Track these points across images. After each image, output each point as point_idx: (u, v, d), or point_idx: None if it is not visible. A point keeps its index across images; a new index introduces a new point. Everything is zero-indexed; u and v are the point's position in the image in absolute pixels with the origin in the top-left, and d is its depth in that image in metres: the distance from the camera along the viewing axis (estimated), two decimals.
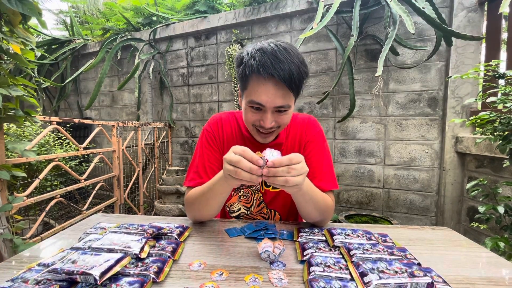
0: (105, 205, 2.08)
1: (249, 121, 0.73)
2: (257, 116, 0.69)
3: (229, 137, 0.85)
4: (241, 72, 0.68)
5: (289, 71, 0.62)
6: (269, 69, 0.61)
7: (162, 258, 0.56)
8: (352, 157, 2.16)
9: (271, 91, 0.64)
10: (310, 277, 0.50)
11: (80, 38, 3.39)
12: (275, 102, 0.65)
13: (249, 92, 0.68)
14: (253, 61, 0.64)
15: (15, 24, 1.11)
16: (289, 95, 0.66)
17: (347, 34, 2.09)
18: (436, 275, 0.51)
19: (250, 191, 0.88)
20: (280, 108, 0.67)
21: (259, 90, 0.65)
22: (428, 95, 1.92)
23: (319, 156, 0.82)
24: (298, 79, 0.64)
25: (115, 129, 2.12)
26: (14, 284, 0.46)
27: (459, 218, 1.85)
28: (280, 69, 0.61)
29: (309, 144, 0.84)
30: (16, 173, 1.25)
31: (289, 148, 0.86)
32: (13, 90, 1.12)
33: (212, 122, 0.87)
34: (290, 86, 0.64)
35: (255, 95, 0.66)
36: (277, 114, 0.69)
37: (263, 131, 0.72)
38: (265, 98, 0.65)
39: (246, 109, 0.71)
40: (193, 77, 2.77)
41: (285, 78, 0.62)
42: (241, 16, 2.41)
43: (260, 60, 0.63)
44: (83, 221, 0.84)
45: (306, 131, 0.85)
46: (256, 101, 0.66)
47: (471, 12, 1.73)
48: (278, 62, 0.62)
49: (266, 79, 0.63)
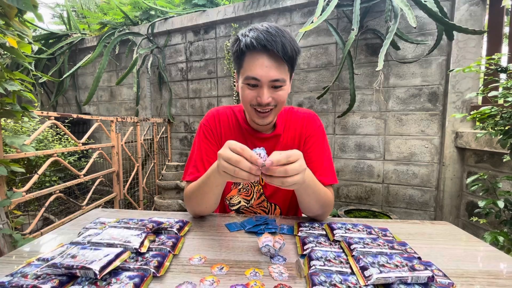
0: (105, 200, 2.08)
1: (246, 100, 0.74)
2: (254, 93, 0.71)
3: (227, 130, 0.86)
4: (236, 50, 0.71)
5: (281, 43, 0.65)
6: (262, 41, 0.65)
7: (162, 253, 0.56)
8: (352, 152, 2.16)
9: (265, 63, 0.67)
10: (311, 271, 0.50)
11: (77, 32, 3.35)
12: (270, 75, 0.67)
13: (245, 69, 0.70)
14: (247, 38, 0.67)
15: (11, 17, 1.09)
16: (283, 68, 0.69)
17: (347, 28, 2.07)
18: (436, 269, 0.51)
19: (250, 183, 0.88)
20: (275, 83, 0.69)
21: (254, 64, 0.67)
22: (429, 90, 1.91)
23: (319, 151, 0.84)
24: (290, 51, 0.67)
25: (114, 124, 2.10)
26: (13, 279, 0.46)
27: (458, 213, 1.85)
28: (272, 41, 0.64)
29: (310, 139, 0.85)
30: (15, 169, 1.24)
31: (288, 140, 0.86)
32: (10, 85, 1.11)
33: (209, 116, 0.88)
34: (284, 58, 0.66)
35: (251, 70, 0.68)
36: (273, 90, 0.71)
37: (261, 110, 0.73)
38: (260, 71, 0.67)
39: (243, 88, 0.73)
40: (192, 72, 2.75)
41: (278, 48, 0.65)
42: (240, 10, 2.38)
43: (253, 35, 0.66)
44: (82, 216, 0.84)
45: (306, 125, 0.86)
46: (252, 76, 0.68)
47: (473, 5, 1.72)
48: (271, 35, 0.65)
49: (260, 52, 0.66)
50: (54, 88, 3.42)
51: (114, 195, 2.17)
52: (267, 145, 0.85)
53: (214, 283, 0.48)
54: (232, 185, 0.90)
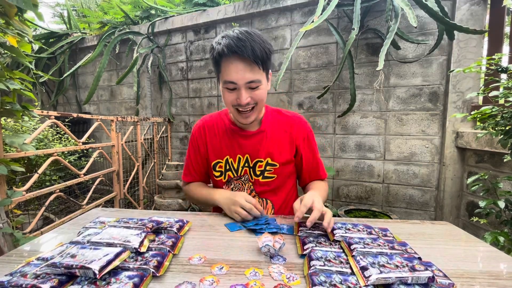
0: (105, 199, 2.08)
1: (227, 102, 0.80)
2: (234, 95, 0.77)
3: (212, 136, 0.94)
4: (212, 58, 0.78)
5: (251, 47, 0.70)
6: (233, 47, 0.70)
7: (161, 252, 0.56)
8: (352, 152, 2.16)
9: (239, 67, 0.72)
10: (311, 271, 0.50)
11: (77, 31, 3.35)
12: (245, 77, 0.73)
13: (222, 74, 0.76)
14: (219, 46, 0.73)
15: (11, 16, 1.09)
16: (257, 69, 0.74)
17: (348, 28, 2.07)
18: (436, 269, 0.51)
19: (240, 182, 0.93)
20: (251, 84, 0.75)
21: (229, 69, 0.73)
22: (429, 90, 1.91)
23: (314, 152, 0.96)
24: (260, 53, 0.72)
25: (114, 123, 2.10)
26: (13, 278, 0.46)
27: (458, 213, 1.85)
28: (242, 46, 0.70)
29: (304, 141, 0.93)
30: (15, 168, 1.24)
31: (276, 137, 0.92)
32: (10, 84, 1.11)
33: (195, 128, 0.98)
34: (255, 61, 0.72)
35: (227, 75, 0.74)
36: (251, 90, 0.76)
37: (242, 110, 0.79)
38: (235, 75, 0.73)
39: (224, 91, 0.79)
40: (192, 71, 2.74)
41: (248, 53, 0.70)
42: (241, 9, 2.37)
43: (224, 43, 0.72)
44: (82, 216, 0.84)
45: (298, 128, 0.93)
46: (229, 80, 0.74)
47: (474, 5, 1.71)
48: (240, 41, 0.70)
49: (233, 58, 0.72)
50: (54, 87, 3.41)
51: (114, 194, 2.17)
52: (253, 142, 0.91)
53: (213, 283, 0.48)
54: (224, 185, 0.95)
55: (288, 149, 0.91)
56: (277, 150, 0.90)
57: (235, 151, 0.91)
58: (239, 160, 0.91)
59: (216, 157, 0.93)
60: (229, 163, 0.92)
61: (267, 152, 0.89)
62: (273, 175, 0.91)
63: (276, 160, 0.89)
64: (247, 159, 0.90)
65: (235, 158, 0.91)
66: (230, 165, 0.92)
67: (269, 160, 0.89)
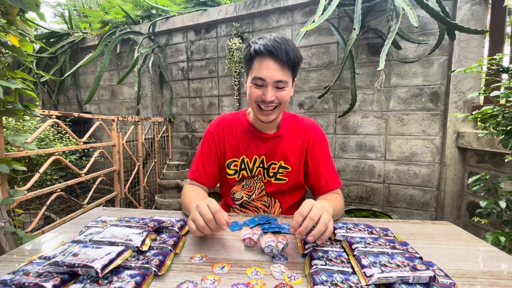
0: (106, 199, 2.08)
1: (252, 98, 0.82)
2: (260, 91, 0.80)
3: (230, 135, 0.95)
4: (246, 54, 0.82)
5: (285, 50, 0.76)
6: (268, 47, 0.75)
7: (163, 251, 0.56)
8: (352, 152, 2.16)
9: (271, 66, 0.77)
10: (312, 271, 0.50)
11: (78, 31, 3.35)
12: (274, 76, 0.77)
13: (253, 71, 0.80)
14: (256, 44, 0.78)
15: (13, 16, 1.09)
16: (286, 71, 0.79)
17: (349, 28, 2.07)
18: (438, 269, 0.51)
19: (252, 181, 0.95)
20: (279, 83, 0.78)
21: (261, 66, 0.78)
22: (430, 90, 1.91)
23: (326, 158, 0.94)
24: (293, 57, 0.77)
25: (115, 123, 2.11)
26: (15, 277, 0.46)
27: (458, 213, 1.85)
28: (278, 47, 0.75)
29: (316, 146, 0.93)
30: (16, 167, 1.24)
31: (291, 142, 0.93)
32: (12, 83, 1.11)
33: (214, 124, 0.98)
34: (287, 63, 0.76)
35: (258, 72, 0.78)
36: (277, 90, 0.80)
37: (265, 107, 0.81)
38: (266, 72, 0.77)
39: (251, 87, 0.82)
40: (193, 71, 2.74)
41: (282, 54, 0.75)
42: (242, 9, 2.37)
43: (262, 42, 0.77)
44: (84, 215, 0.84)
45: (311, 133, 0.93)
46: (259, 76, 0.78)
47: (475, 5, 1.71)
48: (276, 43, 0.76)
49: (267, 57, 0.77)
50: (55, 87, 3.42)
51: (115, 194, 2.18)
52: (269, 144, 0.93)
53: (215, 282, 0.48)
54: (236, 182, 0.96)
55: (299, 154, 0.93)
56: (290, 154, 0.92)
57: (252, 151, 0.93)
58: (254, 161, 0.94)
59: (232, 156, 0.95)
60: (245, 163, 0.94)
61: (281, 155, 0.92)
62: (285, 178, 0.93)
63: (289, 164, 0.92)
64: (262, 160, 0.93)
65: (251, 158, 0.94)
66: (245, 165, 0.94)
67: (283, 163, 0.92)
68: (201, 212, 0.60)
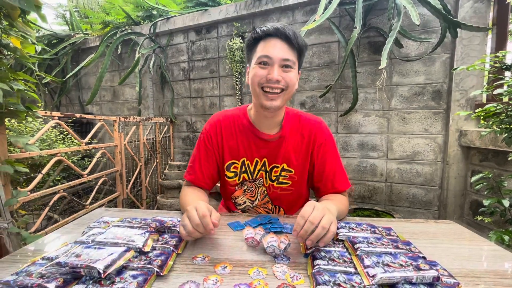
0: (108, 199, 2.09)
1: (256, 80, 0.77)
2: (265, 71, 0.75)
3: (229, 134, 0.89)
4: (250, 38, 0.78)
5: (292, 31, 0.74)
6: (274, 30, 0.74)
7: (165, 252, 0.56)
8: (354, 151, 2.15)
9: (277, 45, 0.74)
10: (315, 270, 0.49)
11: (80, 32, 3.36)
12: (281, 53, 0.74)
13: (257, 53, 0.76)
14: (260, 29, 0.76)
15: (14, 18, 1.10)
16: (293, 52, 0.76)
17: (350, 27, 2.06)
18: (441, 269, 0.51)
19: (254, 185, 0.90)
20: (285, 62, 0.74)
21: (267, 46, 0.75)
22: (432, 88, 1.89)
23: (333, 159, 0.87)
24: (300, 40, 0.76)
25: (117, 124, 2.11)
26: (18, 278, 0.46)
27: (462, 212, 1.84)
28: (283, 29, 0.74)
29: (322, 147, 0.87)
30: (19, 168, 1.25)
31: (294, 144, 0.87)
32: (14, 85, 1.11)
33: (211, 124, 0.91)
34: (293, 42, 0.74)
35: (263, 51, 0.75)
36: (283, 70, 0.75)
37: (270, 90, 0.76)
38: (272, 50, 0.74)
39: (254, 68, 0.77)
40: (194, 71, 2.75)
41: (288, 34, 0.73)
42: (242, 9, 2.37)
43: (266, 27, 0.76)
44: (86, 216, 0.84)
45: (316, 133, 0.87)
46: (264, 54, 0.74)
47: (477, 2, 1.69)
48: (282, 27, 0.74)
49: (273, 38, 0.74)
50: (57, 88, 3.44)
51: (117, 194, 2.18)
52: (271, 146, 0.86)
53: (217, 282, 0.48)
54: (237, 186, 0.91)
55: (303, 155, 0.87)
56: (293, 156, 0.86)
57: (253, 153, 0.87)
58: (256, 163, 0.88)
59: (231, 158, 0.89)
60: (246, 165, 0.88)
61: (284, 157, 0.86)
62: (288, 181, 0.87)
63: (292, 166, 0.86)
64: (264, 163, 0.88)
65: (252, 161, 0.88)
66: (246, 167, 0.89)
67: (285, 165, 0.86)
68: (189, 216, 0.60)
